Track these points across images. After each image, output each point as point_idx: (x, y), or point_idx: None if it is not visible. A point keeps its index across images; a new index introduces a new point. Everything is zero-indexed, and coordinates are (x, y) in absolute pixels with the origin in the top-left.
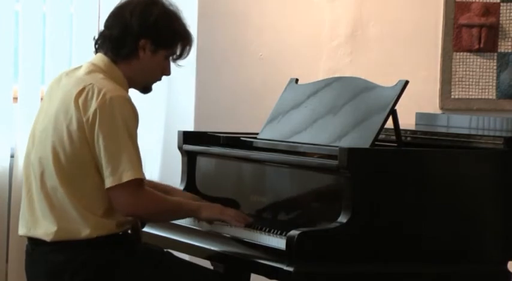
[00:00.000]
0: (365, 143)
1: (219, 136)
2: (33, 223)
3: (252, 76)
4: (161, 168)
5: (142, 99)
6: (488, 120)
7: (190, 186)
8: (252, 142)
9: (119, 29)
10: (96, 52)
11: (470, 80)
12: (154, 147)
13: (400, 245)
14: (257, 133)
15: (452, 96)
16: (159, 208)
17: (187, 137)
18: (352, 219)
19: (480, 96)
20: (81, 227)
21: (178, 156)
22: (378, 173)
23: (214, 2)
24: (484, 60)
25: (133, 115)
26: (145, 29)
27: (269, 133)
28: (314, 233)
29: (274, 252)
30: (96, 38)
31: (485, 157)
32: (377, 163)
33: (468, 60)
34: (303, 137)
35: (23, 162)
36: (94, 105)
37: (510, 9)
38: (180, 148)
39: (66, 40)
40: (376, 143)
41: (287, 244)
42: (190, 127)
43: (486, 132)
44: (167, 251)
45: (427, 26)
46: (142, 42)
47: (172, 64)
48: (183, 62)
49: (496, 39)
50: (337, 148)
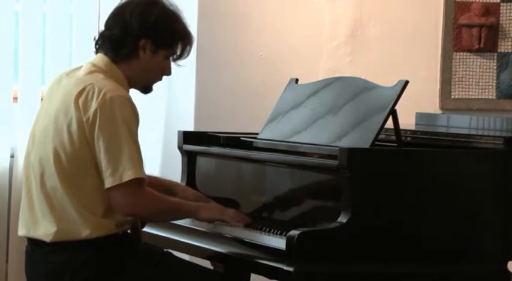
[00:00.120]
0: (365, 143)
1: (219, 136)
2: (33, 223)
3: (252, 76)
4: (161, 168)
5: (143, 99)
6: (488, 120)
7: (190, 186)
8: (252, 142)
9: (119, 29)
10: (96, 52)
11: (470, 80)
12: (155, 147)
13: (400, 245)
14: (257, 133)
15: (452, 96)
16: (159, 208)
17: (187, 137)
18: (352, 219)
19: (480, 96)
20: (81, 228)
21: (178, 156)
22: (378, 173)
23: (214, 2)
24: (484, 60)
25: (133, 115)
26: (145, 29)
27: (269, 133)
28: (314, 233)
29: (274, 252)
30: (96, 38)
31: (485, 157)
32: (377, 163)
33: (468, 60)
34: (303, 137)
35: (23, 162)
36: (94, 105)
37: (510, 9)
38: (180, 148)
39: (66, 40)
40: (376, 143)
41: (287, 244)
42: (190, 127)
43: (486, 132)
44: (167, 251)
45: (427, 26)
46: (142, 42)
47: (172, 64)
48: (183, 62)
49: (496, 39)
50: (337, 148)
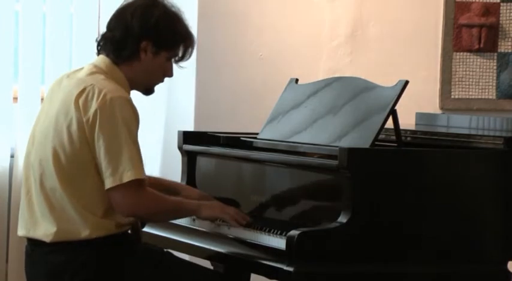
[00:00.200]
0: (365, 143)
1: (219, 136)
2: (32, 223)
3: (252, 76)
4: (161, 168)
5: (143, 99)
6: (488, 120)
7: (190, 186)
8: (252, 142)
9: (120, 31)
10: (98, 54)
11: (470, 80)
12: (155, 147)
13: (400, 245)
14: (257, 133)
15: (452, 96)
16: (160, 208)
17: (187, 137)
18: (352, 219)
19: (480, 96)
20: (81, 228)
21: (178, 156)
22: (378, 173)
23: (214, 2)
24: (484, 60)
25: (133, 116)
26: (146, 31)
27: (269, 133)
28: (314, 233)
29: (274, 252)
30: (98, 39)
31: (485, 157)
32: (377, 163)
33: (468, 60)
34: (303, 137)
35: (23, 163)
36: (94, 106)
37: (510, 9)
38: (180, 148)
39: (66, 40)
40: (376, 143)
41: (287, 244)
42: (190, 127)
43: (486, 132)
44: (167, 251)
45: (427, 26)
46: (143, 44)
47: (174, 65)
48: (185, 63)
49: (496, 39)
50: (337, 148)
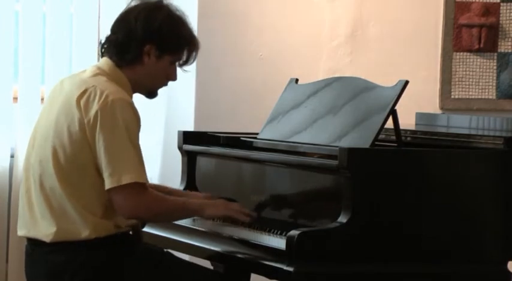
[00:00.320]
0: (365, 143)
1: (219, 136)
2: (32, 223)
3: (252, 76)
4: (161, 168)
5: (143, 100)
6: (488, 120)
7: (190, 186)
8: (252, 142)
9: (123, 34)
10: (102, 56)
11: (470, 80)
12: (155, 147)
13: (400, 245)
14: (257, 133)
15: (452, 96)
16: (162, 210)
17: (187, 137)
18: (352, 219)
19: (480, 96)
20: (81, 228)
21: (178, 156)
22: (378, 173)
23: (214, 2)
24: (484, 60)
25: (134, 119)
26: (149, 34)
27: (269, 133)
28: (314, 233)
29: (274, 252)
30: (102, 42)
31: (485, 157)
32: (377, 163)
33: (468, 60)
34: (303, 137)
35: (23, 164)
36: (95, 107)
37: (510, 9)
38: (180, 148)
39: (66, 40)
40: (376, 143)
41: (287, 244)
42: (190, 127)
43: (486, 132)
44: (167, 251)
45: (427, 26)
46: (147, 47)
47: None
48: (189, 67)
49: (496, 39)
50: (337, 148)
